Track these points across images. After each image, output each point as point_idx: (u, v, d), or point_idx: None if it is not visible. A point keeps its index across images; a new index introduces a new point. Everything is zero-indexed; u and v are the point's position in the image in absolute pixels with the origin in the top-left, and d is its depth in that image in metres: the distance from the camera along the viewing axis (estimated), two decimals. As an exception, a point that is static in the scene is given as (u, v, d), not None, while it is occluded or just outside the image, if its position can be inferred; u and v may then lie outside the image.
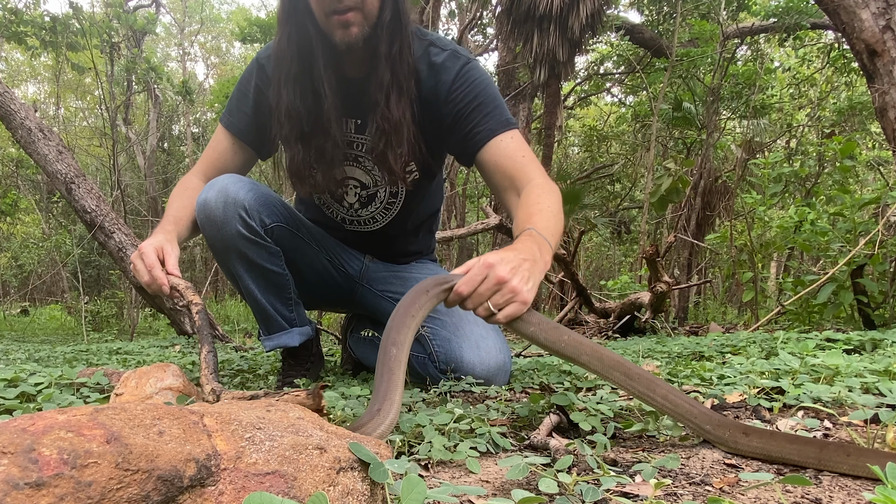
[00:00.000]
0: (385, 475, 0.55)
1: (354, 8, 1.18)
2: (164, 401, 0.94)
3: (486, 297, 0.90)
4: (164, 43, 20.53)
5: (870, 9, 2.40)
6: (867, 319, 2.43)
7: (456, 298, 0.92)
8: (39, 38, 6.51)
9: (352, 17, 1.19)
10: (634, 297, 3.23)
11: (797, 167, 4.61)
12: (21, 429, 0.43)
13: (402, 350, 0.86)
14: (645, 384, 0.85)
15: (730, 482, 0.70)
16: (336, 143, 1.32)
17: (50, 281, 12.03)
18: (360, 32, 1.21)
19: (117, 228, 3.88)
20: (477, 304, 0.91)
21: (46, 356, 2.40)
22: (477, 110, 1.28)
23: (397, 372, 0.83)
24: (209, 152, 1.47)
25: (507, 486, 0.70)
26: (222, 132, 1.46)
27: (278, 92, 1.30)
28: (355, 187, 1.46)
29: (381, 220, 1.51)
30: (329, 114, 1.28)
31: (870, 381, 1.11)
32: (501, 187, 1.28)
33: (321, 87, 1.27)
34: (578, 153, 13.41)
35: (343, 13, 1.18)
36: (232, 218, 1.31)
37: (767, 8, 7.83)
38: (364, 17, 1.21)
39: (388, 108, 1.25)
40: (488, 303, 0.90)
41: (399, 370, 0.83)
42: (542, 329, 0.91)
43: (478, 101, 1.28)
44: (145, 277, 1.15)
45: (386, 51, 1.23)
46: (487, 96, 1.29)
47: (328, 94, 1.27)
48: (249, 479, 0.49)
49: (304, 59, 1.26)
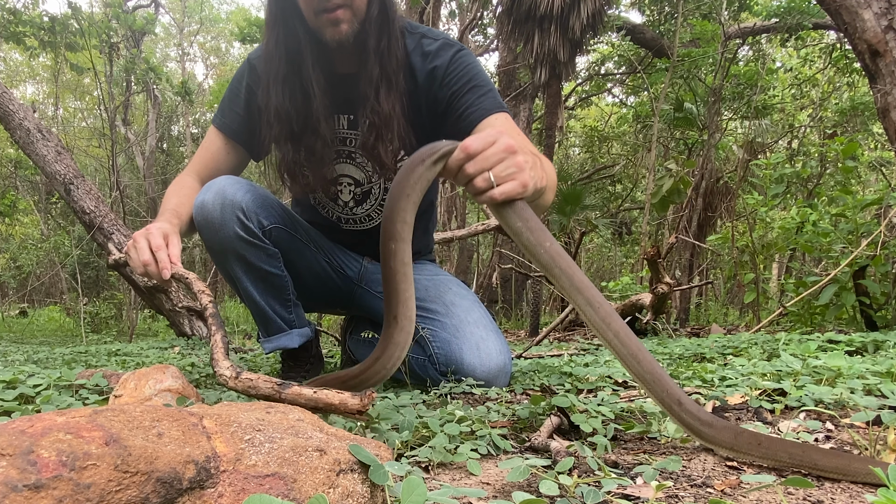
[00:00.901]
0: (385, 477, 0.55)
1: (343, 5, 1.20)
2: (163, 402, 0.94)
3: (491, 162, 0.82)
4: (164, 43, 20.55)
5: (872, 9, 2.40)
6: (869, 321, 2.43)
7: (461, 157, 0.83)
8: (38, 38, 6.52)
9: (341, 15, 1.20)
10: (636, 299, 3.22)
11: (799, 168, 4.61)
12: (20, 430, 0.43)
13: (401, 244, 0.79)
14: (602, 315, 0.81)
15: (731, 484, 0.69)
16: (326, 142, 1.33)
17: (49, 282, 12.02)
18: (350, 29, 1.23)
19: (116, 229, 3.88)
20: (480, 169, 0.83)
21: (45, 357, 2.39)
22: (471, 92, 1.29)
23: (403, 280, 0.77)
24: (202, 153, 1.48)
25: (508, 488, 0.70)
26: (214, 132, 1.46)
27: (267, 93, 1.31)
28: (349, 185, 1.47)
29: (376, 217, 1.52)
30: (318, 113, 1.29)
31: (872, 382, 1.10)
32: None
33: (310, 86, 1.28)
34: (579, 154, 13.41)
35: (332, 11, 1.20)
36: (230, 219, 1.31)
37: (769, 8, 7.83)
38: (353, 14, 1.22)
39: (378, 102, 1.26)
40: (490, 173, 0.82)
41: (403, 273, 0.78)
42: (529, 227, 0.83)
43: (472, 83, 1.30)
44: (146, 255, 1.08)
45: (374, 45, 1.25)
46: (481, 80, 1.31)
47: (317, 93, 1.28)
48: (249, 482, 0.49)
49: (292, 60, 1.27)
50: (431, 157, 0.84)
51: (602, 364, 1.62)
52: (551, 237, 0.84)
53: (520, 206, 0.85)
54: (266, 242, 1.37)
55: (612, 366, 1.56)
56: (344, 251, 1.57)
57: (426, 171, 0.84)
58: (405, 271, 0.81)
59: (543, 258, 0.83)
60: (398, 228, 0.81)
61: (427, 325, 1.40)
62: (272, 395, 0.77)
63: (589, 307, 0.81)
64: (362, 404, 0.70)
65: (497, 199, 0.83)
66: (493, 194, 0.83)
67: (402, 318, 0.84)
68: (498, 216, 0.87)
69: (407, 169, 0.84)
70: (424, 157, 0.84)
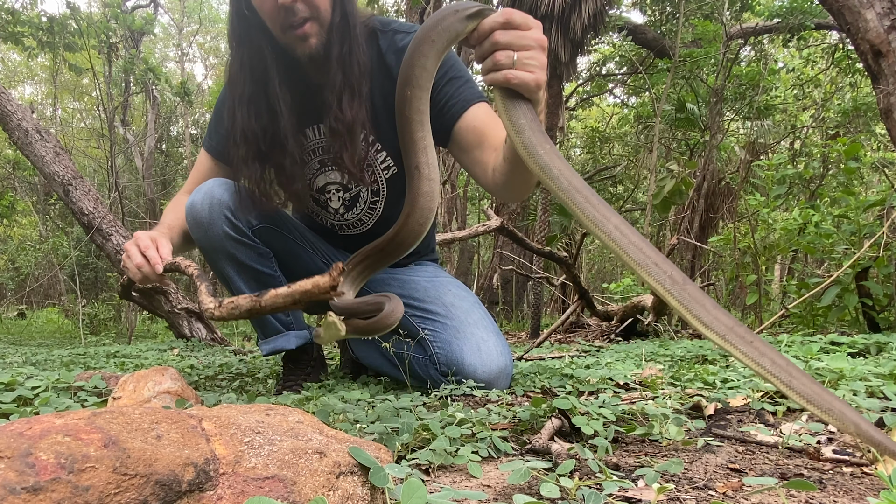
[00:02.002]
0: (385, 479, 0.54)
1: (310, 18, 1.21)
2: (162, 404, 0.94)
3: (523, 43, 0.79)
4: (163, 43, 20.57)
5: (875, 9, 2.39)
6: (872, 322, 2.42)
7: (499, 21, 0.79)
8: (36, 38, 6.52)
9: (308, 29, 1.21)
10: (637, 300, 3.22)
11: (801, 169, 4.60)
12: (18, 433, 0.43)
13: (417, 91, 0.75)
14: (603, 212, 0.76)
15: (733, 487, 0.69)
16: (294, 159, 1.33)
17: (47, 283, 11.99)
18: (319, 41, 1.23)
19: (115, 231, 3.87)
20: (510, 42, 0.79)
21: (44, 359, 2.39)
22: (450, 83, 1.28)
23: (419, 129, 0.73)
24: (194, 174, 1.54)
25: (509, 490, 0.69)
26: (204, 154, 1.52)
27: (233, 115, 1.32)
28: (337, 191, 1.47)
29: (368, 220, 1.52)
30: (286, 130, 1.30)
31: (874, 384, 1.10)
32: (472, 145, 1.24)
33: (277, 104, 1.28)
34: (580, 155, 13.39)
35: (300, 26, 1.20)
36: (218, 218, 1.34)
37: (771, 8, 7.81)
38: (320, 25, 1.23)
39: (341, 110, 1.26)
40: (516, 54, 0.78)
41: (419, 122, 0.74)
42: (532, 127, 0.79)
43: (450, 74, 1.29)
44: (138, 259, 1.14)
45: (337, 53, 1.25)
46: (458, 71, 1.30)
47: (284, 111, 1.28)
48: (248, 484, 0.49)
49: (258, 80, 1.29)
50: (467, 10, 0.80)
51: (603, 366, 1.61)
52: (551, 142, 0.81)
53: (527, 105, 0.81)
54: (256, 241, 1.38)
55: (613, 368, 1.55)
56: (343, 254, 1.57)
57: (457, 22, 0.80)
58: (421, 119, 0.77)
59: (539, 161, 0.78)
60: (416, 73, 0.77)
61: (427, 326, 1.40)
62: (253, 307, 0.80)
63: (587, 205, 0.77)
64: (332, 278, 0.71)
65: (511, 81, 0.79)
66: (509, 75, 0.79)
67: (425, 167, 0.79)
68: (503, 106, 0.82)
69: (437, 17, 0.80)
70: (459, 9, 0.80)
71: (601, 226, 0.75)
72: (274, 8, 1.18)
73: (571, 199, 0.77)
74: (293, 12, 1.18)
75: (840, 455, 0.80)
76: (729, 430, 0.93)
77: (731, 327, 0.70)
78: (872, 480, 0.72)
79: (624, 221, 0.76)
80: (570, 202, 0.78)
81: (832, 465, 0.78)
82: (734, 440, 0.89)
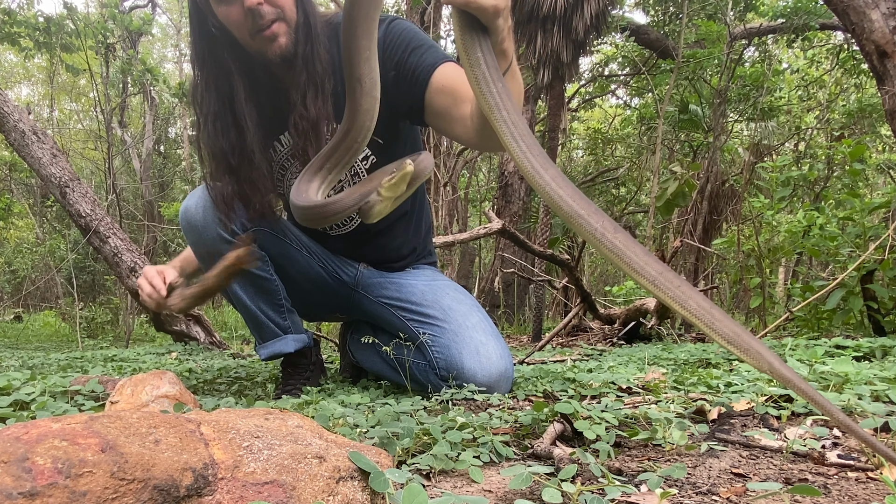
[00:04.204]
0: (386, 484, 0.54)
1: (277, 19, 1.22)
2: (160, 409, 0.93)
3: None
4: (161, 44, 20.61)
5: (880, 9, 2.38)
6: (877, 326, 2.40)
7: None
8: (33, 39, 6.55)
9: (276, 29, 1.23)
10: (640, 303, 3.21)
11: (806, 170, 4.58)
12: (14, 437, 0.43)
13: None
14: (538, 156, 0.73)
15: (737, 492, 0.68)
16: (262, 172, 1.35)
17: (44, 286, 11.97)
18: (288, 40, 1.25)
19: (112, 233, 3.84)
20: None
21: (40, 363, 2.38)
22: (413, 54, 1.28)
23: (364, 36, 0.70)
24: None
25: (510, 495, 0.69)
26: None
27: (203, 132, 1.34)
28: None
29: (355, 216, 1.50)
30: (252, 145, 1.32)
31: (880, 388, 1.09)
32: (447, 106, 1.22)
33: (243, 121, 1.31)
34: (583, 156, 13.38)
35: (267, 27, 1.22)
36: (211, 222, 1.35)
37: (775, 8, 7.79)
38: (287, 25, 1.24)
39: (305, 108, 1.27)
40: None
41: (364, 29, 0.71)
42: (487, 62, 0.75)
43: (411, 46, 1.29)
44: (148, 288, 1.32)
45: (301, 52, 1.26)
46: (419, 41, 1.30)
47: (250, 126, 1.31)
48: (247, 489, 0.48)
49: (223, 98, 1.31)
50: None
51: (606, 370, 1.61)
52: (504, 81, 0.77)
53: (484, 36, 0.77)
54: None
55: (616, 372, 1.55)
56: (339, 257, 1.56)
57: None
58: (368, 27, 0.75)
59: (491, 99, 0.74)
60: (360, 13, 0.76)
61: (426, 331, 1.39)
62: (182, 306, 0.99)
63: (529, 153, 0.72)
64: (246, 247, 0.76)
65: (470, 5, 0.76)
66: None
67: (367, 79, 0.76)
68: (460, 37, 0.79)
69: None
70: None
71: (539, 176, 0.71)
72: (241, 14, 1.20)
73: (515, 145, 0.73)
74: (260, 14, 1.20)
75: (845, 460, 0.79)
76: (733, 434, 0.92)
77: (660, 272, 0.68)
78: (877, 485, 0.71)
79: (561, 174, 0.73)
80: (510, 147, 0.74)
81: (837, 469, 0.77)
82: (738, 445, 0.88)
